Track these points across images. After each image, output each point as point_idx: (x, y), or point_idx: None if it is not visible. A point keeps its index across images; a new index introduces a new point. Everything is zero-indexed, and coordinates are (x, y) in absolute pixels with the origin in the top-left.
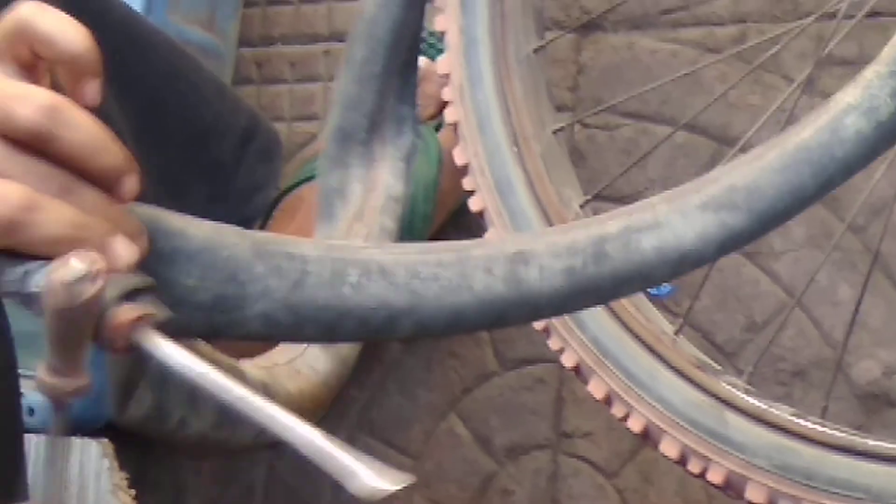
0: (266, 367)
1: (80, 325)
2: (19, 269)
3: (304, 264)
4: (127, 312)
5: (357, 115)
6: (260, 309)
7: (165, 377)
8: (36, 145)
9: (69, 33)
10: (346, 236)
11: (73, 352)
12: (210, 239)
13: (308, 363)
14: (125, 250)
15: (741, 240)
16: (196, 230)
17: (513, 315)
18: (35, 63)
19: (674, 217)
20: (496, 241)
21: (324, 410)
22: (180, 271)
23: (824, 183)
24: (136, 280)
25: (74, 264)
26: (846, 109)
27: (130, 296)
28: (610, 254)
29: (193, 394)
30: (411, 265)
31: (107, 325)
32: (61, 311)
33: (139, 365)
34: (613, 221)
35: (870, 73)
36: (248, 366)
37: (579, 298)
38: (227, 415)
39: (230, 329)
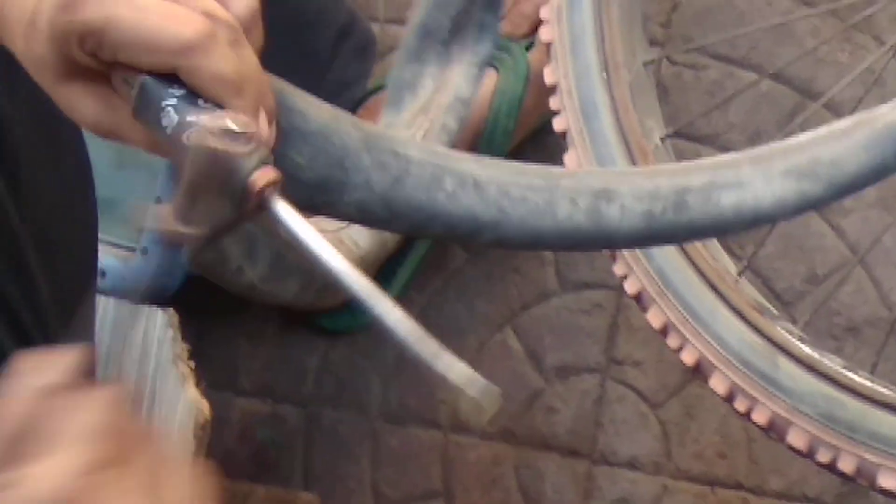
0: None
1: (216, 178)
2: (174, 94)
3: (407, 164)
4: (264, 176)
5: (442, 15)
6: (358, 197)
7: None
8: None
9: None
10: (408, 126)
11: (199, 201)
12: (327, 124)
13: (352, 237)
14: (265, 125)
15: (815, 206)
16: (316, 112)
17: (587, 245)
18: None
19: (756, 179)
20: (585, 174)
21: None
22: (294, 148)
23: None
24: (267, 151)
25: (232, 121)
26: None
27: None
28: (690, 205)
29: (251, 246)
30: (503, 184)
31: (249, 186)
32: (207, 157)
33: (232, 219)
34: (698, 173)
35: None
36: None
37: (653, 240)
38: (275, 270)
39: (325, 209)
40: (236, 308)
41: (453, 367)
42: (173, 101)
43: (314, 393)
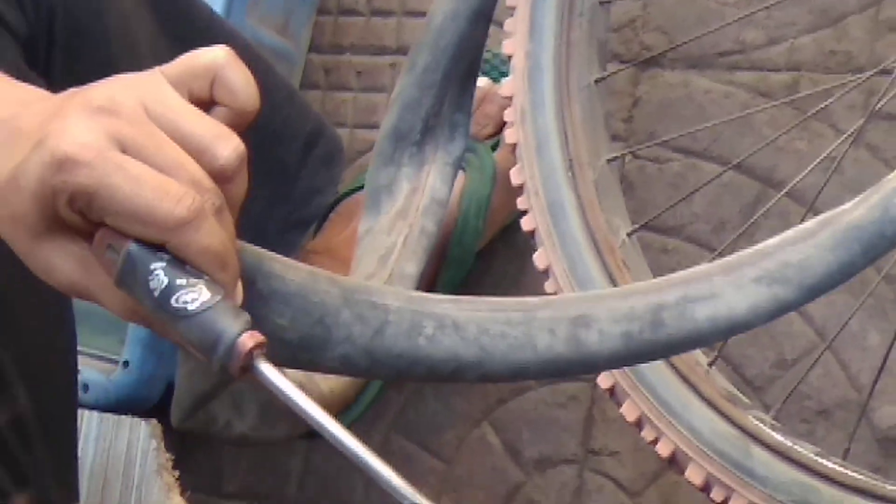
0: None
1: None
2: (162, 258)
3: (385, 314)
4: (250, 340)
5: (413, 118)
6: (341, 351)
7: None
8: (213, 177)
9: (249, 91)
10: (388, 232)
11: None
12: (305, 284)
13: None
14: (241, 292)
15: (789, 309)
16: (294, 274)
17: (571, 371)
18: (205, 99)
19: (729, 289)
20: (561, 302)
21: (346, 407)
22: (274, 311)
23: (873, 258)
24: (248, 316)
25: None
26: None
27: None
28: (666, 322)
29: (238, 400)
30: (482, 322)
31: (236, 352)
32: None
33: (222, 382)
34: (671, 289)
35: None
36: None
37: (633, 360)
38: (265, 419)
39: (310, 365)
40: None
41: None
42: (161, 264)
43: (298, 495)
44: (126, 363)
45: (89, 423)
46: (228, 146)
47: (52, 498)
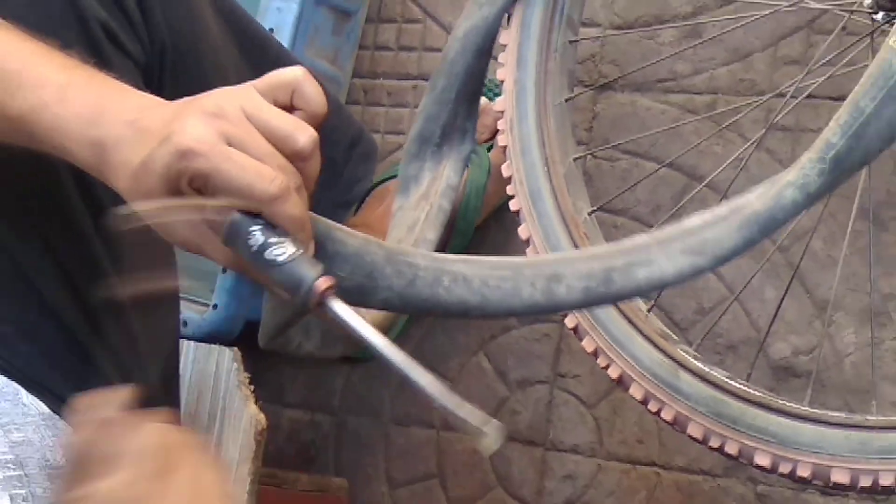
0: None
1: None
2: (258, 223)
3: (416, 270)
4: (325, 283)
5: (434, 126)
6: (384, 296)
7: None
8: (294, 158)
9: (320, 100)
10: (414, 209)
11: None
12: (360, 247)
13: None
14: (314, 247)
15: (704, 274)
16: (352, 240)
17: (545, 313)
18: (287, 106)
19: (661, 257)
20: (540, 262)
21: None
22: (337, 266)
23: (767, 235)
24: (322, 265)
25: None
26: (786, 185)
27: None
28: (615, 280)
29: (307, 327)
30: (483, 277)
31: (314, 290)
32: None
33: (298, 313)
34: (620, 256)
35: (805, 158)
36: None
37: (590, 306)
38: (326, 341)
39: (361, 305)
40: None
41: (473, 414)
42: (258, 227)
43: (341, 405)
44: (215, 306)
45: (187, 349)
46: (305, 134)
47: (159, 405)
